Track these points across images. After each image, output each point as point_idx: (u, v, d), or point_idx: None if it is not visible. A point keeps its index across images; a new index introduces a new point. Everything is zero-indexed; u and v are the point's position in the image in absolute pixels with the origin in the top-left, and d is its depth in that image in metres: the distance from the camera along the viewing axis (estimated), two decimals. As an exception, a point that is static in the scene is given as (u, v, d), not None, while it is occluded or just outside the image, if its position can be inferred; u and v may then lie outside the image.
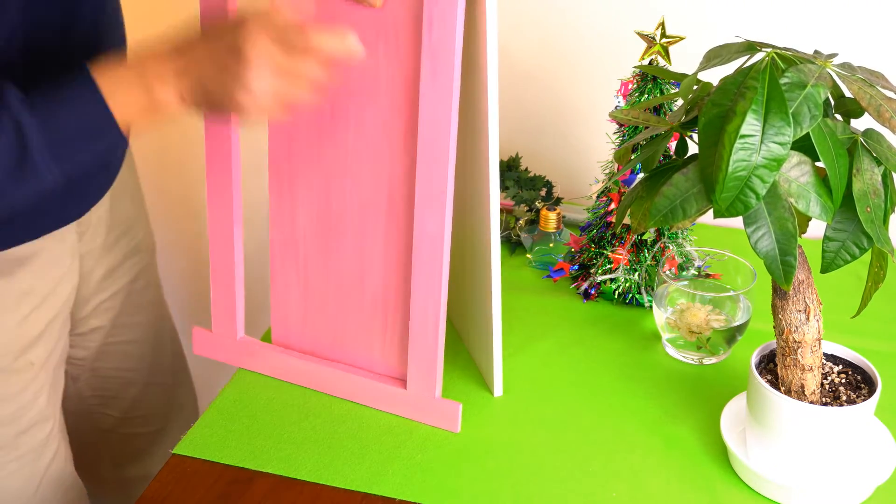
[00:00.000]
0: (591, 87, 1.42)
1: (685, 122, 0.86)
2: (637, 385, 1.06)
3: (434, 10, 0.84)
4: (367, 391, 1.02)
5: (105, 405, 1.24)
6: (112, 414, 1.25)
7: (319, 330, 1.05)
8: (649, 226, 0.80)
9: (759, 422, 0.89)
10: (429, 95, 0.87)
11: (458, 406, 0.98)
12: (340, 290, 1.02)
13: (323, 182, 0.98)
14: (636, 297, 1.20)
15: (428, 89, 0.87)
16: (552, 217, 1.28)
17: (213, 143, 0.99)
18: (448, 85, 0.86)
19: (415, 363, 0.98)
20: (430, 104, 0.88)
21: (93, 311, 1.16)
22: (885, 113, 0.77)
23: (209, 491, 0.92)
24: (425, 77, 0.87)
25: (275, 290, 1.06)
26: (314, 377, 1.04)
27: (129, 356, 1.23)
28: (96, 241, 1.12)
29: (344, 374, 1.03)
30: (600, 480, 0.93)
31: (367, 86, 0.92)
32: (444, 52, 0.85)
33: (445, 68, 0.86)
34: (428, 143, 0.89)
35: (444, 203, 0.91)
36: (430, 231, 0.92)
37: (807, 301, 0.85)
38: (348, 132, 0.95)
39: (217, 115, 0.90)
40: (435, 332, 0.96)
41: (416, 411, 1.00)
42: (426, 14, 0.85)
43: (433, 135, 0.89)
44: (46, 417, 1.05)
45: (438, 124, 0.88)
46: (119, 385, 1.24)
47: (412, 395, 1.00)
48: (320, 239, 1.01)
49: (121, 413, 1.25)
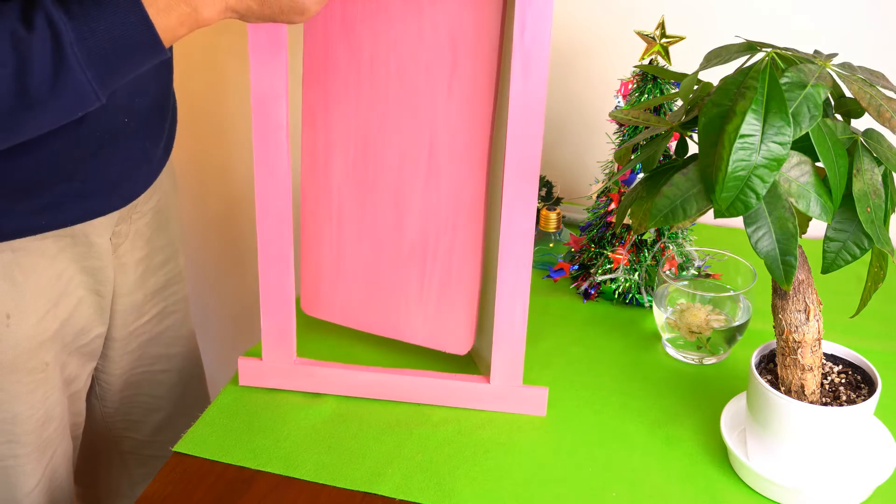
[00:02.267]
0: (591, 87, 1.42)
1: (685, 122, 0.86)
2: (637, 385, 1.06)
3: (528, 12, 0.86)
4: (447, 392, 1.02)
5: (128, 429, 1.24)
6: (135, 437, 1.25)
7: (351, 292, 1.04)
8: (650, 226, 0.80)
9: (759, 422, 0.89)
10: (520, 96, 0.89)
11: (545, 391, 1.00)
12: (375, 247, 1.02)
13: (360, 135, 0.98)
14: (636, 297, 1.20)
15: (519, 90, 0.89)
16: (552, 217, 1.28)
17: (262, 158, 0.96)
18: (540, 88, 0.88)
19: (499, 355, 0.99)
20: (520, 105, 0.89)
21: (130, 334, 1.15)
22: (885, 113, 0.77)
23: (209, 491, 0.92)
24: (516, 77, 0.88)
25: (306, 255, 1.05)
26: (386, 388, 1.03)
27: (160, 384, 1.23)
28: (134, 255, 1.11)
29: (419, 380, 1.02)
30: (600, 480, 0.93)
31: (408, 36, 0.93)
32: (536, 53, 0.87)
33: (537, 71, 0.88)
34: (518, 144, 0.91)
35: (533, 202, 0.93)
36: (520, 228, 0.94)
37: (807, 301, 0.85)
38: (389, 83, 0.95)
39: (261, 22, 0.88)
40: (522, 326, 0.98)
41: (501, 402, 1.01)
42: (518, 16, 0.86)
43: (523, 136, 0.90)
44: (52, 417, 1.05)
45: (529, 127, 0.90)
46: (145, 411, 1.24)
47: (497, 388, 1.01)
48: (356, 193, 1.00)
49: (143, 436, 1.25)
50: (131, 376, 1.20)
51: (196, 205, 1.72)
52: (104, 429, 1.23)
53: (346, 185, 1.00)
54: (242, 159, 1.65)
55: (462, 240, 0.98)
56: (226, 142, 1.66)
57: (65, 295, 1.02)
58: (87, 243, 1.02)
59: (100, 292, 1.07)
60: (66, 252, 1.00)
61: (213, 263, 1.79)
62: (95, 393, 1.19)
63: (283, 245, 0.98)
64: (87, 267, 1.03)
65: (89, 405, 1.19)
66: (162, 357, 1.22)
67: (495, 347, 0.99)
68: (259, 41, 0.90)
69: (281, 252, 0.99)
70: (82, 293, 1.04)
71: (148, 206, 1.12)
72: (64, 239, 0.99)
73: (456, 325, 1.02)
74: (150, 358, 1.20)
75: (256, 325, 1.76)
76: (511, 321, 0.98)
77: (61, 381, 1.06)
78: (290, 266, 0.99)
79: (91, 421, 1.20)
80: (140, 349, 1.19)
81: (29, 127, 0.81)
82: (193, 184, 1.68)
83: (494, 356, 0.99)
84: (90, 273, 1.04)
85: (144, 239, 1.13)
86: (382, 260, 1.02)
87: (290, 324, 1.02)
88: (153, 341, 1.20)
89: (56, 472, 1.08)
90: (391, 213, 1.00)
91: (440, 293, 1.01)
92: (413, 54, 0.93)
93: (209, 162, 1.68)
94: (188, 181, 1.65)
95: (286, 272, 1.00)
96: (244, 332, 1.82)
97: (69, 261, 1.01)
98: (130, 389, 1.21)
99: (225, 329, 1.85)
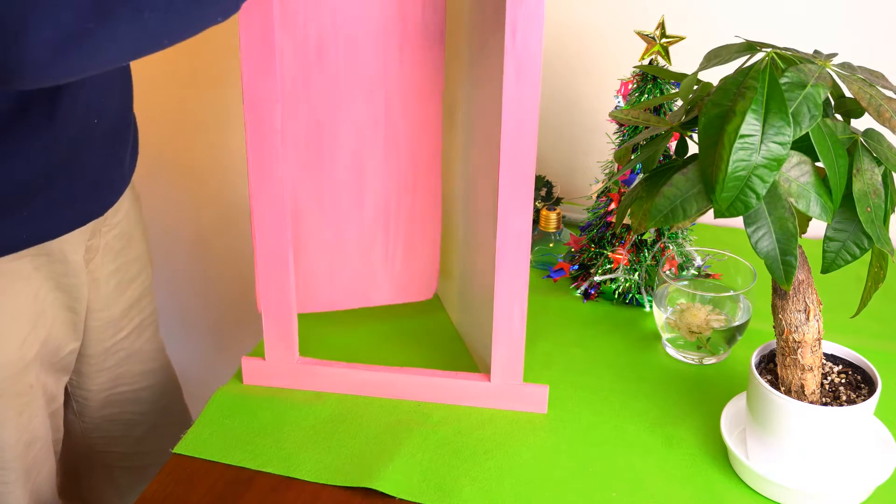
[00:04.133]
0: (590, 87, 1.42)
1: (685, 122, 0.86)
2: (637, 385, 1.06)
3: (519, 13, 0.85)
4: (448, 391, 1.03)
5: (111, 443, 1.24)
6: (118, 450, 1.25)
7: (314, 278, 1.04)
8: (649, 226, 0.80)
9: (759, 422, 0.89)
10: (513, 100, 0.88)
11: (545, 388, 1.01)
12: (336, 227, 1.02)
13: (313, 120, 0.97)
14: (636, 297, 1.20)
15: (512, 93, 0.88)
16: (552, 217, 1.28)
17: (257, 161, 0.95)
18: (533, 90, 0.88)
19: (499, 353, 1.00)
20: (514, 109, 0.89)
21: (107, 351, 1.15)
22: (885, 113, 0.77)
23: (209, 491, 0.92)
24: (509, 80, 0.88)
25: (262, 256, 1.03)
26: (388, 386, 1.04)
27: (143, 401, 1.24)
28: (105, 269, 1.11)
29: (422, 378, 1.03)
30: (600, 480, 0.93)
31: (356, 14, 0.92)
32: (528, 56, 0.87)
33: (530, 73, 0.87)
34: (512, 147, 0.90)
35: (529, 202, 0.93)
36: (516, 228, 0.94)
37: (807, 301, 0.85)
38: (339, 66, 0.95)
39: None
40: (521, 325, 0.98)
41: (502, 400, 1.02)
42: (509, 17, 0.85)
43: (517, 139, 0.90)
44: (37, 438, 1.05)
45: (523, 130, 0.89)
46: (127, 426, 1.24)
47: (497, 385, 1.01)
48: (313, 179, 1.00)
49: (127, 449, 1.25)
50: (112, 395, 1.20)
51: (162, 210, 1.72)
52: (85, 445, 1.23)
53: (300, 173, 0.99)
54: (212, 160, 1.66)
55: (423, 193, 1.00)
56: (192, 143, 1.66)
57: (42, 315, 1.02)
58: (63, 260, 1.01)
59: (73, 308, 1.06)
60: (42, 271, 1.00)
61: (184, 268, 1.79)
62: (72, 409, 1.18)
63: (281, 245, 0.98)
64: (62, 284, 1.03)
65: (67, 421, 1.19)
66: (143, 374, 1.22)
67: (495, 346, 0.99)
68: (252, 44, 0.90)
69: (279, 252, 0.99)
70: (57, 311, 1.04)
71: (116, 218, 1.12)
72: (40, 258, 0.99)
73: (420, 275, 1.04)
74: (132, 376, 1.21)
75: (249, 324, 1.77)
76: (510, 320, 0.98)
77: (44, 401, 1.06)
78: (288, 266, 0.99)
79: (70, 437, 1.20)
80: (119, 366, 1.18)
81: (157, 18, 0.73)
82: (159, 188, 1.68)
83: (494, 355, 1.00)
84: (65, 290, 1.04)
85: (115, 252, 1.13)
86: (345, 235, 1.03)
87: (291, 324, 1.02)
88: (132, 358, 1.20)
89: (40, 490, 1.08)
90: (351, 187, 1.01)
91: (405, 250, 1.03)
92: (364, 31, 0.93)
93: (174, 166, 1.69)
94: (153, 186, 1.66)
95: (285, 272, 1.00)
96: (237, 332, 1.83)
97: (44, 279, 1.00)
98: (113, 408, 1.20)
99: (211, 331, 1.86)
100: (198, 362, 1.88)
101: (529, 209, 0.93)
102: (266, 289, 1.01)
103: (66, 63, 0.70)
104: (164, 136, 1.65)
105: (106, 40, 0.70)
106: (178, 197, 1.72)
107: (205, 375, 1.88)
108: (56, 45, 0.68)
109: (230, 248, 1.74)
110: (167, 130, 1.65)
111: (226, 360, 1.83)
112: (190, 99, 1.62)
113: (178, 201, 1.72)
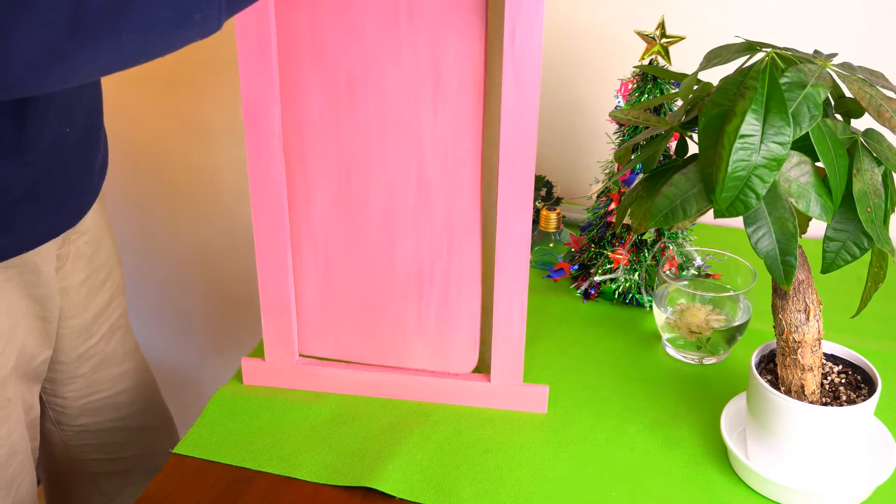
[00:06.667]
0: (591, 87, 1.42)
1: (685, 122, 0.86)
2: (637, 385, 1.06)
3: (518, 18, 0.85)
4: (448, 391, 1.03)
5: (94, 451, 1.24)
6: (101, 457, 1.25)
7: (344, 327, 1.03)
8: (650, 226, 0.80)
9: (759, 422, 0.89)
10: (512, 103, 0.88)
11: (545, 388, 1.01)
12: (367, 280, 1.00)
13: (343, 166, 0.96)
14: (636, 297, 1.20)
15: (511, 97, 0.88)
16: (552, 217, 1.28)
17: (256, 165, 0.95)
18: (532, 95, 0.87)
19: (499, 354, 0.99)
20: (514, 112, 0.88)
21: (80, 357, 1.15)
22: (885, 113, 0.77)
23: (209, 491, 0.92)
24: (508, 85, 0.87)
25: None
26: (388, 386, 1.03)
27: (121, 406, 1.23)
28: (76, 276, 1.11)
29: (422, 378, 1.02)
30: (600, 480, 0.93)
31: (386, 59, 0.91)
32: (527, 60, 0.86)
33: (529, 78, 0.87)
34: (511, 151, 0.90)
35: (529, 203, 0.92)
36: (516, 228, 0.93)
37: (807, 301, 0.85)
38: (369, 111, 0.93)
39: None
40: (521, 325, 0.98)
41: (502, 399, 1.02)
42: (508, 22, 0.85)
43: (517, 144, 0.89)
44: (17, 451, 1.05)
45: (522, 134, 0.89)
46: (109, 433, 1.24)
47: (497, 385, 1.01)
48: (343, 226, 0.98)
49: (110, 455, 1.25)
50: (89, 403, 1.19)
51: (162, 210, 1.72)
52: (66, 455, 1.22)
53: (331, 219, 0.99)
54: (212, 160, 1.66)
55: (458, 261, 0.98)
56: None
57: (15, 327, 1.01)
58: (35, 271, 1.01)
59: (45, 317, 1.06)
60: (14, 282, 0.99)
61: (183, 269, 1.79)
62: (50, 418, 1.18)
63: (279, 245, 0.98)
64: (34, 294, 1.03)
65: (47, 431, 1.18)
66: (118, 377, 1.21)
67: (495, 346, 0.99)
68: (248, 48, 0.90)
69: (278, 252, 0.99)
70: (30, 321, 1.04)
71: (85, 224, 1.12)
72: (10, 269, 0.98)
73: (458, 346, 1.02)
74: (107, 381, 1.20)
75: (249, 324, 1.77)
76: (510, 320, 0.98)
77: (23, 412, 1.05)
78: (288, 266, 0.99)
79: (50, 447, 1.20)
80: (94, 372, 1.18)
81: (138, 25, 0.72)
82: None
83: (494, 355, 1.00)
84: (36, 300, 1.03)
85: (86, 259, 1.12)
86: (376, 292, 1.01)
87: (290, 324, 1.02)
88: (106, 363, 1.19)
89: (23, 502, 1.08)
90: (382, 244, 0.99)
91: (438, 317, 1.01)
92: (393, 78, 0.91)
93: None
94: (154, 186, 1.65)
95: (284, 272, 1.00)
96: (237, 333, 1.83)
97: (16, 290, 1.00)
98: (92, 416, 1.20)
99: (211, 332, 1.86)
100: (198, 363, 1.88)
101: (529, 209, 0.93)
102: (266, 289, 1.01)
103: (44, 79, 0.70)
104: (164, 137, 1.66)
105: (84, 58, 0.70)
106: (178, 197, 1.72)
107: (205, 376, 1.88)
108: (35, 61, 0.68)
109: (230, 248, 1.74)
110: (167, 131, 1.65)
111: (226, 361, 1.83)
112: (186, 98, 1.62)
113: (179, 201, 1.72)
